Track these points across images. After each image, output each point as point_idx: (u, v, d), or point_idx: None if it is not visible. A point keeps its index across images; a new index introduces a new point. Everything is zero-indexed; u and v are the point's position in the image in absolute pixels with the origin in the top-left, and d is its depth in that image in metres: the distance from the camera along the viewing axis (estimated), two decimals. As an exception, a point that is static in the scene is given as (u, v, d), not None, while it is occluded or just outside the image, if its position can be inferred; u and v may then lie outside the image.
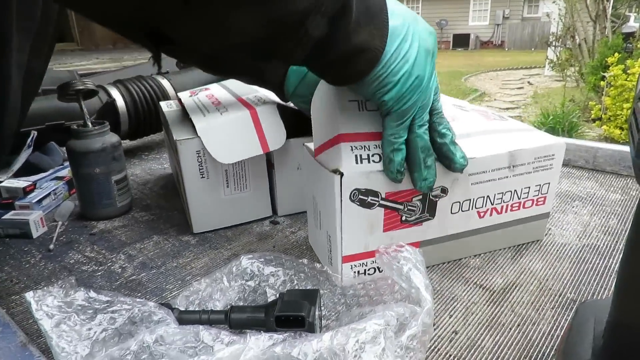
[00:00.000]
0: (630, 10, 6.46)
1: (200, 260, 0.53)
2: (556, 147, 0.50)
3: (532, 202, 0.52)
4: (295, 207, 0.64)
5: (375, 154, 0.44)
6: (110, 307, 0.35)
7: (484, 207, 0.49)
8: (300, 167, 0.62)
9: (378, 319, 0.31)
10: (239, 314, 0.39)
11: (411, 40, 0.38)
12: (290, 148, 0.60)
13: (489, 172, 0.47)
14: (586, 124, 4.24)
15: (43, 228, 0.60)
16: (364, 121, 0.44)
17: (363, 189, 0.44)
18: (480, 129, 0.51)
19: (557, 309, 0.44)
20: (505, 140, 0.49)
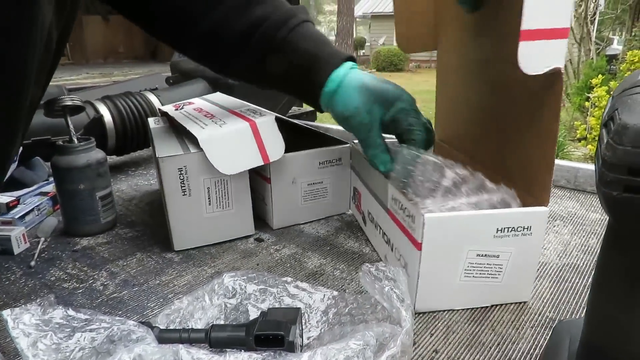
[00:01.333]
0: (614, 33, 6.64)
1: (183, 277, 0.53)
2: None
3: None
4: (290, 220, 0.65)
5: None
6: (88, 325, 0.35)
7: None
8: (295, 181, 0.63)
9: (357, 340, 0.31)
10: (219, 332, 0.39)
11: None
12: (286, 162, 0.61)
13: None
14: (572, 143, 4.31)
15: (25, 244, 0.60)
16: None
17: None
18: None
19: (537, 328, 0.44)
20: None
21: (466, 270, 0.45)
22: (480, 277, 0.45)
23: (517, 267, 0.45)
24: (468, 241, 0.44)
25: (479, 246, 0.44)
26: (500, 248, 0.44)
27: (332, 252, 0.59)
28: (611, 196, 0.21)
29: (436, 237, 0.44)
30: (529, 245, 0.45)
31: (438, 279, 0.45)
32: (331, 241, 0.62)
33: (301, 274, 0.53)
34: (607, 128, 0.23)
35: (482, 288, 0.46)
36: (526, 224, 0.44)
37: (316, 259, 0.57)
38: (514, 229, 0.44)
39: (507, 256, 0.45)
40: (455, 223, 0.44)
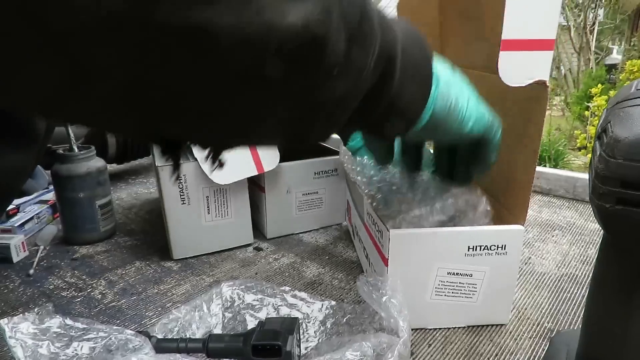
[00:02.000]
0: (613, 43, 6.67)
1: (181, 286, 0.53)
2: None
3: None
4: (284, 229, 0.65)
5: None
6: (86, 334, 0.35)
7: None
8: (289, 191, 0.63)
9: (354, 350, 0.31)
10: (216, 342, 0.39)
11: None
12: (281, 172, 0.61)
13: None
14: (572, 152, 4.32)
15: (24, 252, 0.60)
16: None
17: None
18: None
19: (535, 339, 0.44)
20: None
21: (437, 289, 0.44)
22: (453, 296, 0.44)
23: (493, 287, 0.44)
24: (438, 258, 0.43)
25: (450, 264, 0.43)
26: (473, 267, 0.43)
27: (331, 261, 0.59)
28: (604, 208, 0.22)
29: (403, 253, 0.43)
30: (504, 265, 0.43)
31: (407, 296, 0.41)
32: (330, 250, 0.62)
33: (299, 283, 0.53)
34: (600, 140, 0.23)
35: (455, 308, 0.44)
36: (500, 242, 0.42)
37: (315, 268, 0.57)
38: (487, 248, 0.42)
39: (480, 275, 0.43)
40: (423, 240, 0.42)
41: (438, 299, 0.44)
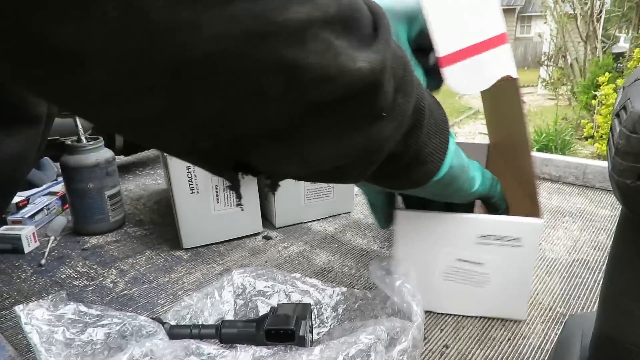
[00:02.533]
0: (620, 31, 6.59)
1: (192, 275, 0.53)
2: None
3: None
4: (293, 218, 0.65)
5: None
6: (100, 321, 0.35)
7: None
8: (297, 180, 0.63)
9: (368, 334, 0.31)
10: (229, 328, 0.39)
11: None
12: None
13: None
14: (579, 141, 4.29)
15: (35, 243, 0.60)
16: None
17: None
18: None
19: (547, 323, 0.44)
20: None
21: (446, 273, 0.43)
22: (463, 283, 0.43)
23: (508, 280, 0.42)
24: (446, 243, 0.42)
25: (459, 250, 0.42)
26: (484, 256, 0.42)
27: (340, 249, 0.59)
28: (625, 185, 0.21)
29: (411, 234, 0.43)
30: (519, 259, 0.41)
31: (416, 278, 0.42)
32: (339, 239, 0.62)
33: (309, 270, 0.54)
34: (619, 118, 0.23)
35: (467, 296, 0.44)
36: (515, 234, 0.41)
37: (324, 256, 0.57)
38: (500, 238, 0.41)
39: (492, 266, 0.42)
40: (431, 222, 0.42)
41: (447, 284, 0.44)
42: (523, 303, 0.44)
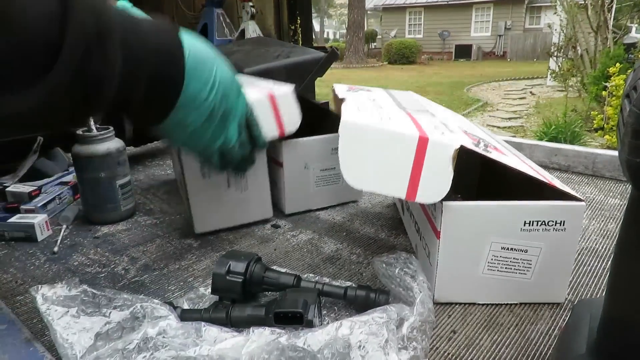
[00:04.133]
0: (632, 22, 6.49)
1: (202, 262, 0.54)
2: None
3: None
4: (302, 205, 0.66)
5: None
6: (112, 303, 0.36)
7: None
8: (307, 167, 0.63)
9: (380, 313, 0.32)
10: (239, 312, 0.40)
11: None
12: (299, 147, 0.61)
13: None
14: (588, 133, 4.24)
15: (48, 231, 0.61)
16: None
17: None
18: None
19: (555, 310, 0.44)
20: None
21: (490, 263, 0.43)
22: (507, 271, 0.43)
23: (549, 264, 0.42)
24: (492, 233, 0.42)
25: (505, 239, 0.42)
26: (529, 242, 0.42)
27: (349, 237, 0.59)
28: (635, 163, 0.21)
29: (456, 226, 0.42)
30: (562, 242, 0.41)
31: (458, 270, 0.43)
32: (347, 227, 0.62)
33: (318, 258, 0.54)
34: (629, 98, 0.23)
35: (508, 284, 0.44)
36: (559, 218, 0.41)
37: (332, 244, 0.57)
38: (545, 223, 0.41)
39: (536, 252, 0.42)
40: (478, 213, 0.42)
41: (490, 273, 0.44)
42: (563, 286, 0.44)
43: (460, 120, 0.56)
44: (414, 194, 0.41)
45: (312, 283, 0.43)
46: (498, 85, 8.71)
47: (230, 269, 0.42)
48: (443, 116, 0.53)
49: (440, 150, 0.40)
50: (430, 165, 0.41)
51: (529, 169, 0.43)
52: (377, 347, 0.30)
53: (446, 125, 0.47)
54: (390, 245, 0.57)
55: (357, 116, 0.44)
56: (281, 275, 0.43)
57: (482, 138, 0.48)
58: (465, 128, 0.51)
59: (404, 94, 0.65)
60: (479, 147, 0.43)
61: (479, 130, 0.54)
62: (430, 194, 0.41)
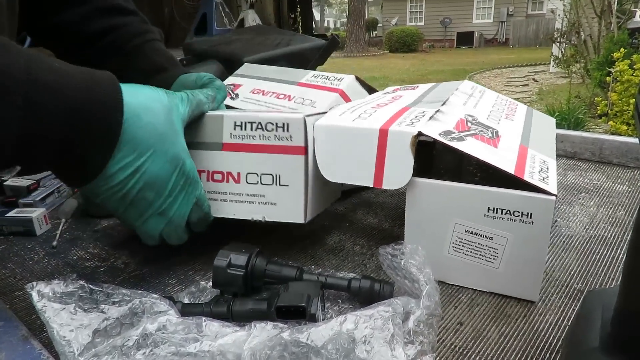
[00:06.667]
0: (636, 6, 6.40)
1: (202, 255, 0.53)
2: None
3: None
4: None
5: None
6: (110, 298, 0.35)
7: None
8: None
9: (385, 307, 0.31)
10: (241, 306, 0.39)
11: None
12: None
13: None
14: (592, 120, 4.21)
15: (47, 225, 0.60)
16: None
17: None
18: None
19: (564, 300, 0.43)
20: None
21: (455, 244, 0.43)
22: (472, 256, 0.43)
23: (519, 258, 0.41)
24: (455, 214, 0.42)
25: (468, 222, 0.42)
26: (494, 230, 0.41)
27: (351, 228, 0.58)
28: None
29: (420, 203, 0.43)
30: (530, 236, 0.40)
31: (425, 247, 0.41)
32: (350, 218, 0.61)
33: (321, 249, 0.53)
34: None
35: (475, 269, 0.43)
36: (525, 209, 0.39)
37: (335, 235, 0.56)
38: (509, 212, 0.40)
39: (502, 241, 0.41)
40: (441, 192, 0.42)
41: (456, 255, 0.44)
42: (535, 284, 0.42)
43: (483, 103, 0.56)
44: (381, 181, 0.45)
45: (314, 275, 0.42)
46: (500, 73, 8.65)
47: (231, 262, 0.41)
48: (458, 103, 0.52)
49: (399, 138, 0.43)
50: (392, 153, 0.44)
51: (500, 160, 0.42)
52: (383, 342, 0.29)
53: (442, 112, 0.48)
54: (394, 235, 0.56)
55: (330, 119, 0.48)
56: (283, 267, 0.42)
57: (474, 124, 0.47)
58: (470, 112, 0.50)
59: (450, 84, 0.61)
60: (450, 135, 0.43)
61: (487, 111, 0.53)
62: (395, 180, 0.44)
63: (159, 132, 0.40)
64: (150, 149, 0.39)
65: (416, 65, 9.76)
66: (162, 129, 0.40)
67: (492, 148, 0.43)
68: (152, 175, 0.40)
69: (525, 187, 0.40)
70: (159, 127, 0.40)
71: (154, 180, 0.40)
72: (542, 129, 0.55)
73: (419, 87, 0.61)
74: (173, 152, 0.41)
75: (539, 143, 0.49)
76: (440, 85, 0.62)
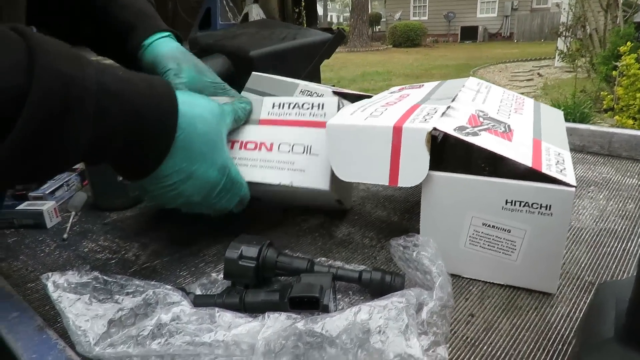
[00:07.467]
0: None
1: (213, 247, 0.53)
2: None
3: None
4: None
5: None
6: (125, 289, 0.35)
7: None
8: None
9: (399, 297, 0.31)
10: (253, 297, 0.39)
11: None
12: None
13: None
14: (598, 114, 4.19)
15: (57, 218, 0.61)
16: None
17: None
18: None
19: (576, 292, 0.43)
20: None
21: (471, 238, 0.43)
22: (489, 249, 0.43)
23: (537, 250, 0.41)
24: (472, 207, 0.42)
25: (485, 215, 0.42)
26: (512, 222, 0.41)
27: (360, 220, 0.58)
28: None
29: (436, 197, 0.43)
30: (549, 228, 0.40)
31: (439, 240, 0.41)
32: (358, 211, 0.61)
33: (330, 242, 0.53)
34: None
35: (493, 262, 0.43)
36: (544, 201, 0.39)
37: (344, 227, 0.56)
38: (528, 205, 0.40)
39: (520, 233, 0.41)
40: (458, 185, 0.42)
41: (472, 248, 0.43)
42: (554, 276, 0.42)
43: (491, 98, 0.56)
44: (396, 179, 0.44)
45: (325, 267, 0.42)
46: (505, 67, 8.60)
47: (242, 253, 0.41)
48: (467, 99, 0.52)
49: (414, 135, 0.42)
50: (407, 150, 0.43)
51: (516, 153, 0.41)
52: (398, 332, 0.29)
53: (453, 108, 0.47)
54: (403, 228, 0.56)
55: (342, 118, 0.48)
56: (294, 259, 0.42)
57: (485, 119, 0.47)
58: (480, 108, 0.50)
59: (455, 82, 0.61)
60: (465, 131, 0.43)
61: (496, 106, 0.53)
62: (410, 178, 0.44)
63: (211, 141, 0.43)
64: (203, 157, 0.42)
65: (420, 60, 9.71)
66: (213, 138, 0.43)
67: (507, 142, 0.43)
68: (203, 180, 0.43)
69: (542, 180, 0.39)
70: (212, 136, 0.43)
71: (204, 185, 0.43)
72: (551, 122, 0.55)
73: (425, 86, 0.61)
74: (221, 161, 0.44)
75: (551, 136, 0.49)
76: (446, 83, 0.62)
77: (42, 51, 0.29)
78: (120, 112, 0.35)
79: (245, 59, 0.96)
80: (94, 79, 0.33)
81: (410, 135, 0.43)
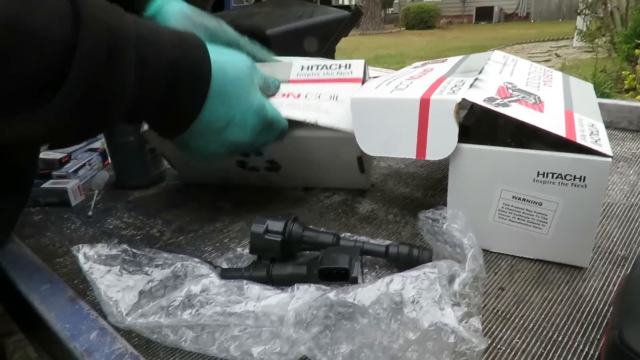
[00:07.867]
0: (667, -25, 6.10)
1: (236, 224, 0.53)
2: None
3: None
4: None
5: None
6: (153, 262, 0.35)
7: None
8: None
9: (431, 268, 0.30)
10: (280, 270, 0.39)
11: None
12: None
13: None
14: (619, 94, 4.08)
15: (81, 196, 0.61)
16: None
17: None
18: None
19: (608, 266, 0.42)
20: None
21: (501, 211, 0.42)
22: (519, 223, 0.42)
23: (570, 224, 0.40)
24: (502, 180, 0.41)
25: (516, 188, 0.40)
26: (543, 195, 0.40)
27: (383, 197, 0.57)
28: None
29: (464, 170, 0.42)
30: (582, 200, 0.38)
31: (469, 214, 0.40)
32: (380, 188, 0.60)
33: (354, 218, 0.53)
34: None
35: (523, 236, 0.42)
36: (578, 173, 0.38)
37: (367, 204, 0.56)
38: (561, 177, 0.38)
39: (552, 206, 0.40)
40: (487, 158, 0.41)
41: (501, 222, 0.42)
42: (587, 249, 0.41)
43: (518, 71, 0.54)
44: (424, 152, 0.43)
45: (351, 242, 0.42)
46: (521, 48, 8.40)
47: (268, 228, 0.41)
48: (494, 71, 0.50)
49: (442, 107, 0.41)
50: (435, 122, 0.42)
51: (548, 124, 0.40)
52: (432, 302, 0.28)
53: (481, 80, 0.46)
54: (427, 204, 0.55)
55: (367, 92, 0.48)
56: (320, 234, 0.42)
57: (515, 90, 0.46)
58: (509, 80, 0.48)
59: (481, 55, 0.59)
60: (494, 102, 0.42)
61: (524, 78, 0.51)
62: (439, 150, 0.43)
63: (245, 84, 0.43)
64: (238, 101, 0.42)
65: (434, 42, 9.54)
66: (246, 81, 0.43)
67: (539, 113, 0.42)
68: (243, 124, 0.43)
69: (574, 151, 0.38)
70: (244, 81, 0.43)
71: (245, 128, 0.43)
72: (582, 94, 0.53)
73: (449, 60, 0.59)
74: (257, 102, 0.44)
75: (583, 107, 0.47)
76: (470, 57, 0.60)
77: (83, 3, 0.29)
78: (157, 62, 0.35)
79: (262, 38, 0.95)
80: (132, 29, 0.32)
81: (438, 107, 0.42)
